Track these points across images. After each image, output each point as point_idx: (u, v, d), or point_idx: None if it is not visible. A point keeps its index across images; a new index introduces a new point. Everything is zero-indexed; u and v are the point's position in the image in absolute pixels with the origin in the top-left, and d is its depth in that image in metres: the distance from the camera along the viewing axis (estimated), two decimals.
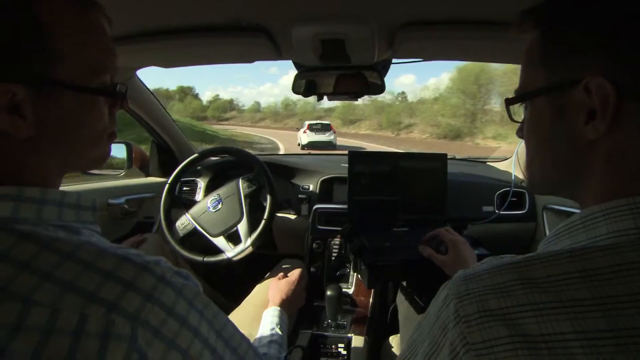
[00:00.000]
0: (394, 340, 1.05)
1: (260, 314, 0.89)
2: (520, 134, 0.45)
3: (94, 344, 0.33)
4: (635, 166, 0.33)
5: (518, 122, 0.46)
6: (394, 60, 1.14)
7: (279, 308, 0.90)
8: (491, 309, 0.30)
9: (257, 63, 1.09)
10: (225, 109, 77.14)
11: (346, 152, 1.23)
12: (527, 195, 1.36)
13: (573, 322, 0.28)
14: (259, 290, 1.11)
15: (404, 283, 1.08)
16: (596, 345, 0.27)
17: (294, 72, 1.16)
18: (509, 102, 0.44)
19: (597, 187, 0.36)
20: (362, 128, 41.73)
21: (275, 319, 0.85)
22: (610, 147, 0.34)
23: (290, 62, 1.09)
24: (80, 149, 0.44)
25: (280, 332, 0.80)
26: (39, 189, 0.39)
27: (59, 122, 0.40)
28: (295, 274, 1.07)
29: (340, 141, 19.49)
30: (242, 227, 1.19)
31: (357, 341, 1.03)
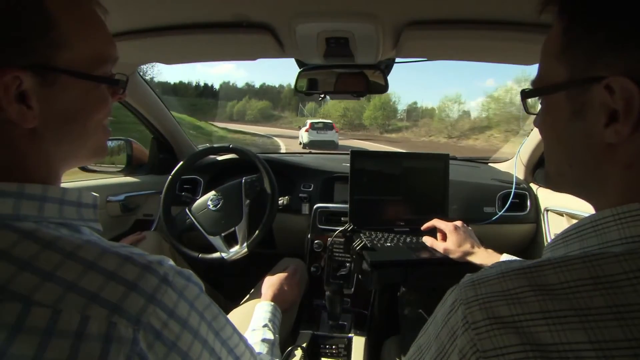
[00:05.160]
0: (395, 341, 1.05)
1: None
2: (537, 124, 0.43)
3: (96, 346, 0.32)
4: None
5: (534, 114, 0.43)
6: (397, 60, 1.13)
7: (271, 303, 0.89)
8: (501, 315, 0.30)
9: None
10: (396, 114, 48.74)
11: (348, 151, 1.22)
12: (528, 196, 1.35)
13: (588, 332, 0.27)
14: (258, 289, 1.11)
15: (405, 283, 1.08)
16: (612, 356, 0.26)
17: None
18: (525, 95, 0.42)
19: (614, 191, 0.34)
20: None
21: (268, 315, 0.84)
22: (632, 151, 0.32)
23: None
24: (82, 139, 0.44)
25: (271, 330, 0.79)
26: (40, 186, 0.39)
27: (63, 111, 0.40)
28: (288, 269, 1.07)
29: None
30: (240, 229, 1.18)
31: (358, 341, 1.03)
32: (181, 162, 1.30)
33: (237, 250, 1.16)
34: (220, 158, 1.56)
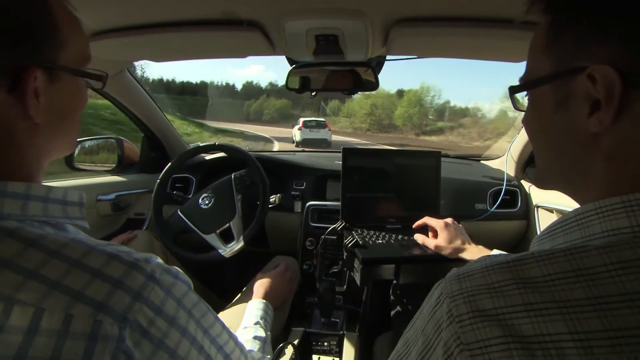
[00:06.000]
0: (386, 338, 1.05)
1: None
2: (524, 121, 0.43)
3: (80, 345, 0.32)
4: (637, 164, 0.32)
5: (523, 110, 0.44)
6: (388, 57, 1.13)
7: (263, 300, 0.90)
8: (485, 309, 0.30)
9: None
10: (435, 112, 40.54)
11: (339, 149, 1.22)
12: (519, 193, 1.37)
13: (567, 323, 0.27)
14: (250, 287, 1.11)
15: (397, 280, 1.08)
16: (591, 346, 0.26)
17: None
18: (512, 90, 0.42)
19: (598, 185, 0.34)
20: None
21: (259, 312, 0.85)
22: (613, 142, 0.33)
23: None
24: (71, 132, 0.46)
25: (263, 327, 0.79)
26: (23, 184, 0.38)
27: (60, 106, 0.42)
28: (280, 266, 1.08)
29: None
30: (235, 224, 1.18)
31: (350, 338, 1.03)
32: (172, 162, 1.30)
33: (235, 245, 1.16)
34: (209, 157, 1.55)
